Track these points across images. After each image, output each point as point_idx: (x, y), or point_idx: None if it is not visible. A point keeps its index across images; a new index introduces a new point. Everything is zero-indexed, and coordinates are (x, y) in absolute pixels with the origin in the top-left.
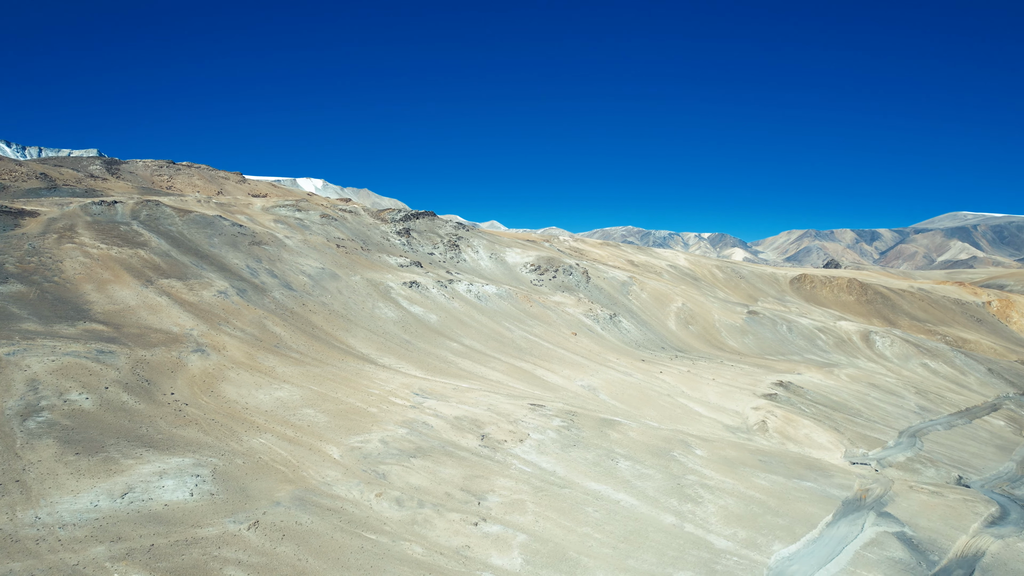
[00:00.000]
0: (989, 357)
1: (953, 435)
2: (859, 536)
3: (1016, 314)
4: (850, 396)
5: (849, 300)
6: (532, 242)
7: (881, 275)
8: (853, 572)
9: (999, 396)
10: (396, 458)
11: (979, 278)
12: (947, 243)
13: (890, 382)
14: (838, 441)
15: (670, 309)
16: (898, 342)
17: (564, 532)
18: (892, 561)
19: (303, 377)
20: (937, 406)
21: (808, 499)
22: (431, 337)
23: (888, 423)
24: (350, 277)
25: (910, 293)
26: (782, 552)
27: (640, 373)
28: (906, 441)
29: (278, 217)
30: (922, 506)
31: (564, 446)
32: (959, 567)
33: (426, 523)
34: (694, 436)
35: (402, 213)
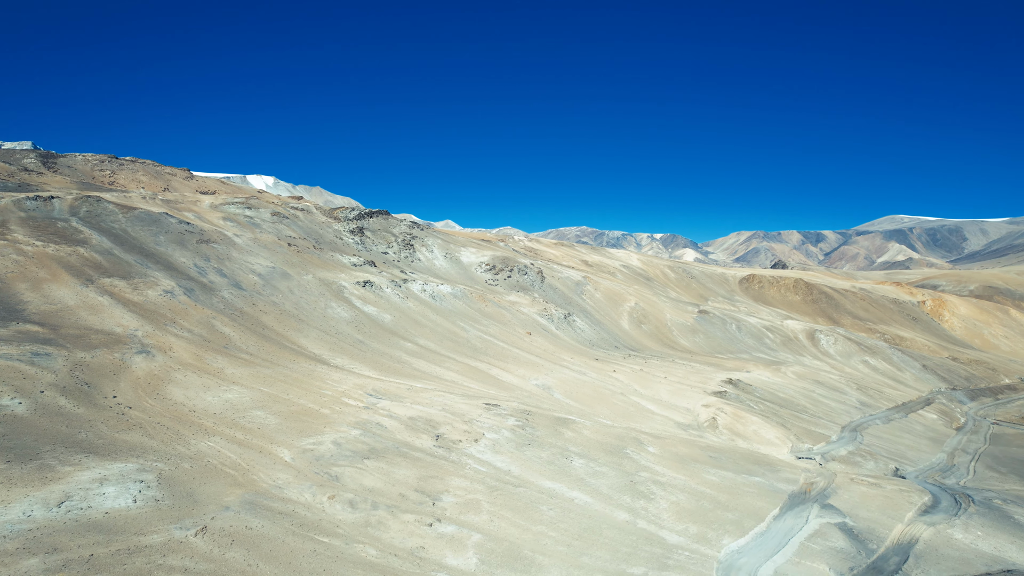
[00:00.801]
0: (923, 354)
1: (891, 429)
2: (804, 528)
3: (948, 313)
4: (796, 393)
5: (795, 300)
6: (487, 242)
7: (825, 275)
8: (798, 563)
9: (932, 391)
10: (349, 460)
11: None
12: (886, 245)
13: (834, 379)
14: (785, 437)
15: (623, 309)
16: (841, 340)
17: (519, 531)
18: (834, 551)
19: (253, 378)
20: (876, 401)
21: (756, 493)
22: (385, 337)
23: (832, 418)
24: (302, 276)
25: (852, 293)
26: (732, 546)
27: (594, 372)
28: (848, 435)
29: (227, 215)
30: (862, 497)
31: (519, 445)
32: (895, 554)
33: (380, 525)
34: (647, 434)
35: (355, 212)
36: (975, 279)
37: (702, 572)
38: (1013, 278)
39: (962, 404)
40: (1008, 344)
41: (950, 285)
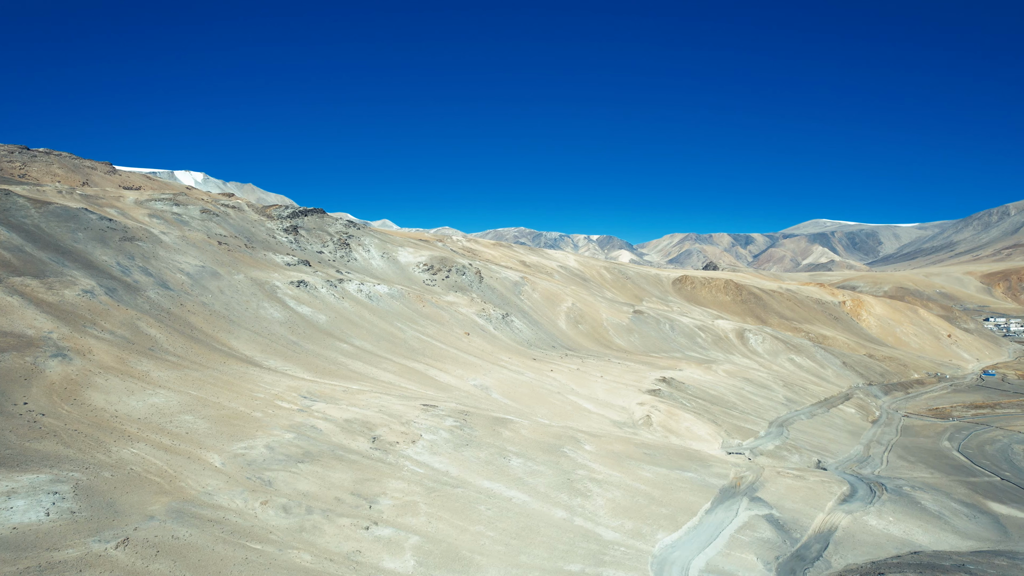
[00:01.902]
0: (844, 352)
1: (814, 423)
2: (734, 520)
3: (865, 312)
4: (727, 390)
5: (726, 300)
6: (425, 242)
7: (754, 277)
8: (728, 555)
9: (852, 387)
10: (283, 464)
11: (836, 280)
12: (810, 248)
13: (762, 376)
14: (716, 433)
15: (561, 309)
16: (769, 339)
17: (457, 532)
18: (762, 541)
19: (181, 381)
20: (801, 397)
21: (689, 488)
22: (320, 338)
23: (760, 414)
24: (233, 276)
25: (779, 293)
26: (665, 540)
27: (532, 372)
28: (775, 431)
29: (153, 211)
30: (788, 489)
31: (457, 446)
32: (817, 542)
33: (315, 529)
34: (583, 432)
35: (289, 210)
36: (889, 280)
37: (637, 567)
38: (921, 279)
39: (877, 398)
40: (917, 341)
41: (867, 286)
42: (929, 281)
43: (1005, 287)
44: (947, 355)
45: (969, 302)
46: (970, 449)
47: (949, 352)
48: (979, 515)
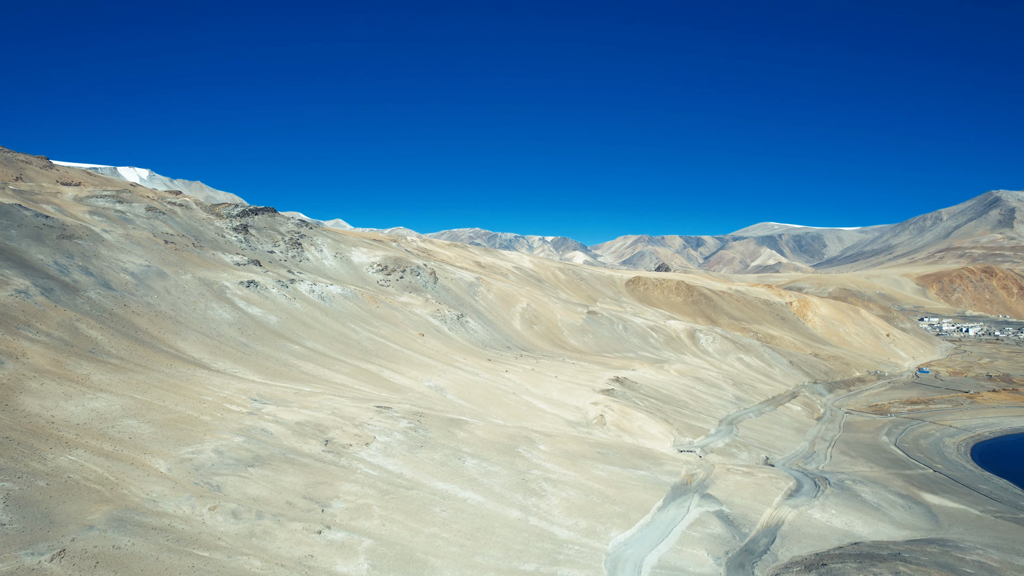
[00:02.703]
0: (790, 351)
1: (762, 421)
2: (685, 517)
3: (811, 312)
4: (678, 389)
5: (677, 301)
6: (379, 242)
7: (705, 278)
8: (680, 551)
9: (798, 385)
10: (232, 468)
11: (783, 281)
12: (759, 250)
13: (712, 375)
14: (668, 431)
15: (516, 310)
16: (719, 339)
17: (411, 534)
18: (712, 537)
19: (125, 385)
20: (750, 396)
21: (642, 486)
22: (271, 339)
23: (710, 413)
24: (180, 276)
25: (729, 294)
26: (619, 538)
27: (487, 372)
28: (725, 428)
29: (95, 208)
30: (737, 486)
31: (411, 447)
32: (764, 536)
33: (265, 535)
34: (538, 432)
35: (239, 208)
36: (833, 282)
37: (591, 565)
38: (863, 281)
39: (822, 396)
40: (859, 341)
41: (813, 287)
42: (870, 283)
43: (938, 288)
44: (886, 354)
45: (906, 303)
46: (906, 443)
47: (888, 351)
48: (914, 506)
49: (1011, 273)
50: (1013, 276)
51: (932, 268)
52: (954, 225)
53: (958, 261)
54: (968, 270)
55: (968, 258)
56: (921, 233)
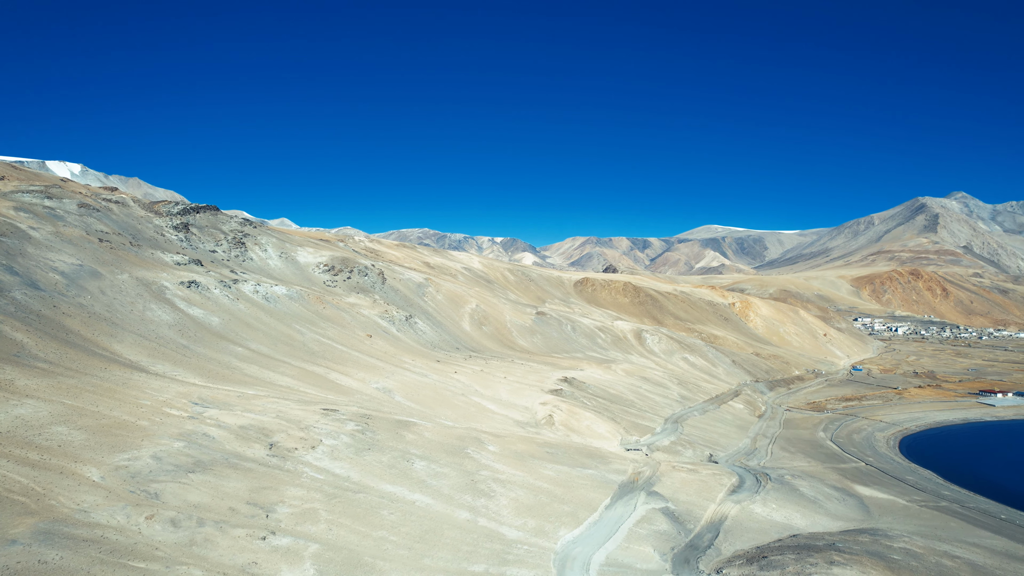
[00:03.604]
0: (733, 351)
1: (707, 419)
2: (632, 515)
3: (753, 313)
4: (625, 389)
5: (624, 302)
6: (326, 242)
7: (651, 279)
8: (627, 548)
9: (740, 384)
10: (171, 474)
11: (726, 283)
12: (703, 252)
13: (658, 375)
14: (615, 430)
15: (465, 310)
16: (664, 339)
17: (359, 538)
18: (658, 533)
19: (54, 390)
20: (695, 395)
21: (590, 485)
22: (213, 341)
23: (656, 412)
24: (116, 276)
25: (674, 295)
26: (567, 536)
27: (435, 374)
28: (671, 427)
29: (21, 204)
30: (682, 483)
31: (358, 450)
32: (709, 531)
33: (207, 543)
34: (487, 433)
35: (180, 206)
36: (774, 283)
37: (540, 564)
38: (802, 283)
39: (763, 394)
40: (798, 340)
41: (754, 288)
42: (808, 284)
43: (871, 290)
44: (823, 353)
45: (842, 303)
46: (841, 438)
47: (825, 350)
48: (847, 498)
49: (935, 275)
50: (937, 278)
51: (865, 270)
52: (885, 229)
53: (888, 264)
54: (897, 272)
55: (897, 261)
56: (855, 237)
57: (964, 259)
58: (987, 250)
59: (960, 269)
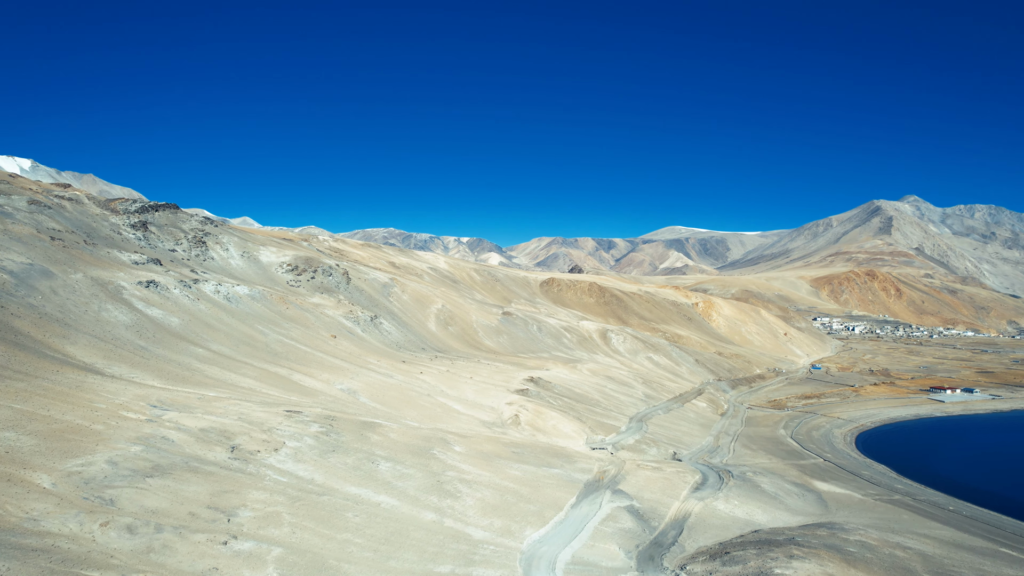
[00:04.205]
0: (696, 350)
1: (671, 418)
2: (598, 513)
3: (715, 313)
4: (591, 388)
5: (590, 302)
6: (289, 241)
7: (616, 280)
8: (592, 546)
9: (703, 382)
10: (128, 480)
11: (689, 283)
12: (667, 253)
13: (623, 374)
14: (581, 429)
15: (431, 311)
16: (629, 339)
17: (323, 540)
18: (623, 531)
19: (2, 394)
20: (659, 393)
21: (556, 484)
22: (173, 342)
23: (621, 411)
24: (69, 275)
25: (639, 296)
26: (534, 536)
27: (401, 374)
28: (635, 425)
29: None
30: (647, 481)
31: (323, 452)
32: (673, 528)
33: (165, 549)
34: (453, 433)
35: (138, 204)
36: (736, 284)
37: (506, 564)
38: (763, 283)
39: (725, 393)
40: (760, 340)
41: (717, 289)
42: (769, 284)
43: (829, 290)
44: (784, 352)
45: (801, 303)
46: (801, 435)
47: (785, 349)
48: (807, 493)
49: (890, 276)
50: (891, 279)
51: (824, 271)
52: (842, 231)
53: (846, 265)
54: (854, 273)
55: (854, 262)
56: (815, 238)
57: (916, 260)
58: (937, 252)
59: (912, 270)
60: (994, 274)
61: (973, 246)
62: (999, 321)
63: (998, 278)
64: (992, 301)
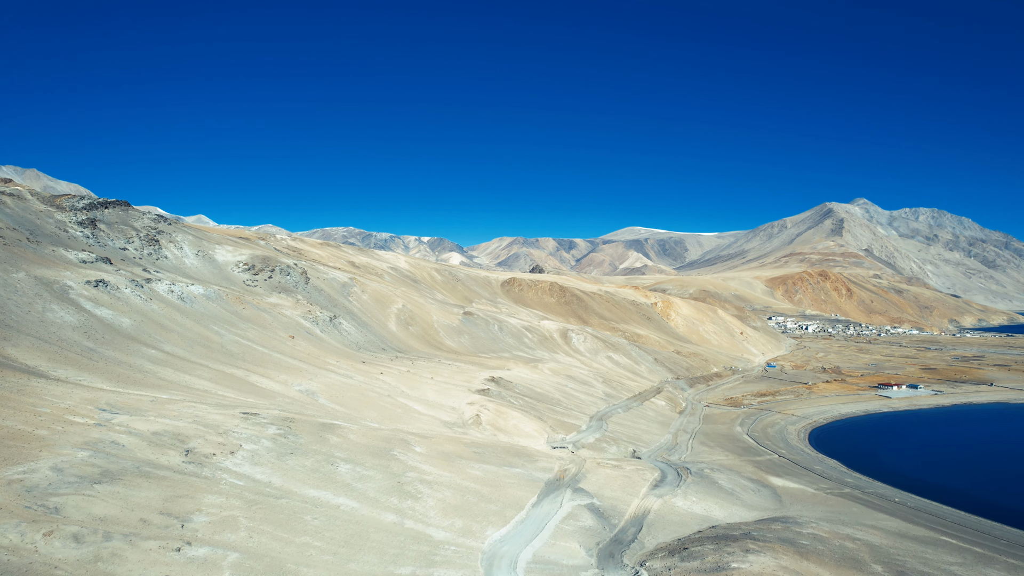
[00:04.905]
0: (655, 349)
1: (630, 416)
2: (559, 512)
3: (674, 313)
4: (551, 388)
5: (551, 302)
6: (246, 240)
7: (577, 280)
8: (553, 544)
9: (662, 381)
10: (74, 487)
11: (649, 283)
12: (627, 253)
13: (583, 373)
14: (542, 428)
15: (391, 311)
16: (590, 338)
17: (281, 544)
18: (584, 529)
19: None
20: (619, 392)
21: (517, 484)
22: (123, 344)
23: (582, 409)
24: (10, 274)
25: (599, 295)
26: (495, 535)
27: (361, 375)
28: (596, 424)
29: None
30: (607, 479)
31: (280, 454)
32: (632, 526)
33: (114, 558)
34: (414, 434)
35: (86, 201)
36: (694, 284)
37: (468, 564)
38: (720, 283)
39: (684, 391)
40: (717, 339)
41: (675, 289)
42: (726, 284)
43: (783, 290)
44: (740, 350)
45: (757, 303)
46: (757, 432)
47: (742, 348)
48: (762, 489)
49: (841, 276)
50: (842, 279)
51: (779, 271)
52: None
53: (800, 265)
54: (808, 273)
55: (808, 263)
56: (770, 239)
57: (866, 261)
58: (885, 253)
59: (862, 271)
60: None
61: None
62: (941, 320)
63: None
64: (935, 301)
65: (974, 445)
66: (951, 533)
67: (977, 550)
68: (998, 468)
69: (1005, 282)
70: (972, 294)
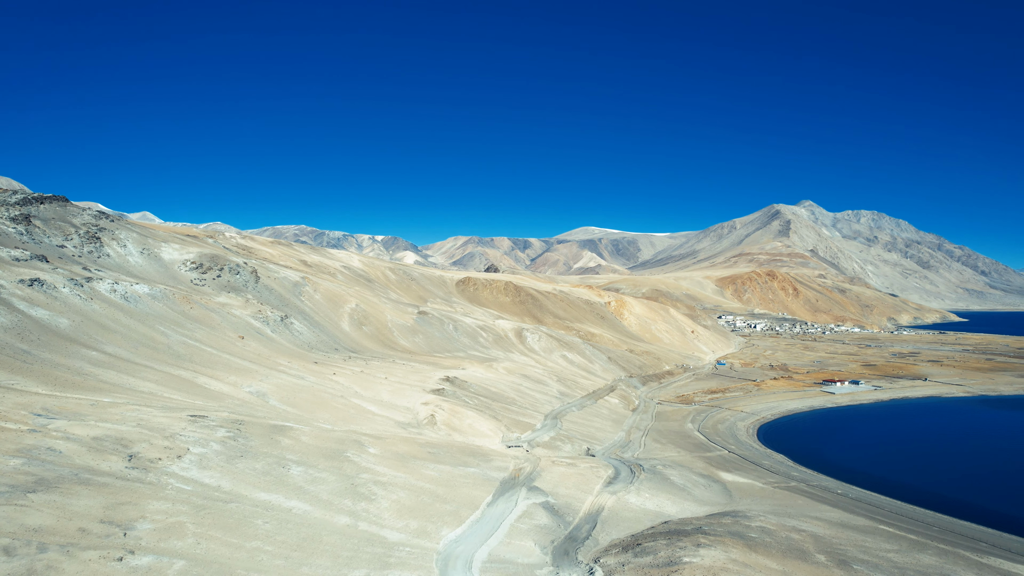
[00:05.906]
0: (609, 348)
1: (584, 414)
2: (514, 511)
3: (627, 312)
4: (507, 387)
5: (506, 301)
6: (194, 237)
7: (532, 279)
8: (509, 543)
9: (616, 379)
10: (5, 496)
11: (602, 282)
12: (581, 253)
13: (538, 372)
14: (497, 428)
15: (344, 310)
16: (544, 337)
17: (231, 550)
18: (539, 527)
19: None
20: (573, 391)
21: (472, 483)
22: (61, 345)
23: (537, 408)
24: None
25: (554, 295)
26: (450, 536)
27: (313, 376)
28: (550, 423)
29: None
30: (561, 477)
31: (230, 458)
32: (587, 523)
33: (49, 570)
34: (368, 435)
35: (20, 196)
36: (647, 283)
37: (423, 565)
38: (672, 283)
39: (637, 389)
40: (669, 337)
41: (629, 288)
42: (678, 284)
43: (733, 290)
44: (691, 349)
45: (708, 302)
46: (707, 428)
47: (693, 346)
48: (713, 484)
49: (788, 277)
50: (789, 279)
51: (728, 271)
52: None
53: (749, 265)
54: (756, 273)
55: (756, 263)
56: (720, 240)
57: (811, 262)
58: (829, 254)
59: (808, 271)
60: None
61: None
62: (880, 318)
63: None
64: (875, 300)
65: (910, 438)
66: (888, 522)
67: (912, 537)
68: (931, 459)
69: (938, 282)
70: (908, 293)
